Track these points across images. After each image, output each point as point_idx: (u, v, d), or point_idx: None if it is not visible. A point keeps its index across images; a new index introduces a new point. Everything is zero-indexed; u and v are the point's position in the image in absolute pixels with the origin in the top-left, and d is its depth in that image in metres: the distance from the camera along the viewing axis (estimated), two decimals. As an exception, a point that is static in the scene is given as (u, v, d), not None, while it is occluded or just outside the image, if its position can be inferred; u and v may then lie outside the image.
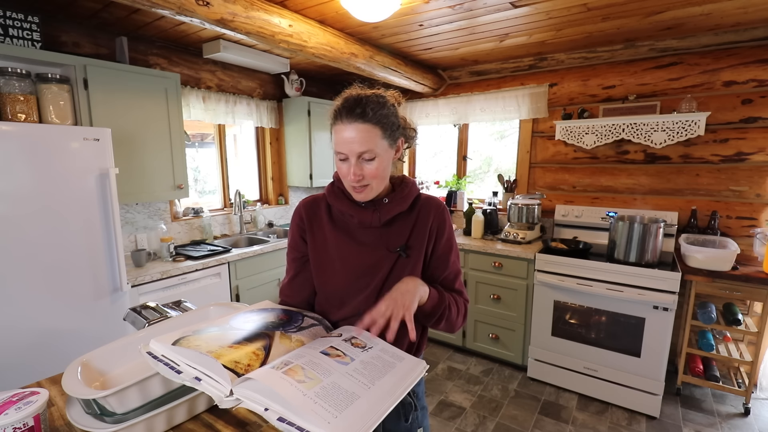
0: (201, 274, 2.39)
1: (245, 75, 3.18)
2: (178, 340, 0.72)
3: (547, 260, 2.51)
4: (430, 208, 0.99)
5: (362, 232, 0.96)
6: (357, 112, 0.84)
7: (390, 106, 0.90)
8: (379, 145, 0.87)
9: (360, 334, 0.85)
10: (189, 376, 0.66)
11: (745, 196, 2.44)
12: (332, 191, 0.99)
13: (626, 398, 2.33)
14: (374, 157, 0.87)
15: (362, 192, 0.90)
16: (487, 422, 2.25)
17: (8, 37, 1.84)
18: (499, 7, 1.98)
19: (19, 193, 1.62)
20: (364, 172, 0.87)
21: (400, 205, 0.96)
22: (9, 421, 0.68)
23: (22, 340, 1.67)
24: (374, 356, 0.78)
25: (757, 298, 2.17)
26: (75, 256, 1.80)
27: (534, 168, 3.17)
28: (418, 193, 1.01)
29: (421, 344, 1.04)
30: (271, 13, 1.93)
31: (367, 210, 0.95)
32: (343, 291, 0.96)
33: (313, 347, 0.77)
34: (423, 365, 0.79)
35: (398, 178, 1.02)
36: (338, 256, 0.96)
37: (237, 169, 3.44)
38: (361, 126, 0.85)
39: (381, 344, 0.83)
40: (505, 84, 3.18)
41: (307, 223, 1.00)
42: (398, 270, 0.94)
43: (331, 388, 0.65)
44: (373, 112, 0.85)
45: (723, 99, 2.44)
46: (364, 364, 0.74)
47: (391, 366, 0.76)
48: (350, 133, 0.85)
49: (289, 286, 1.03)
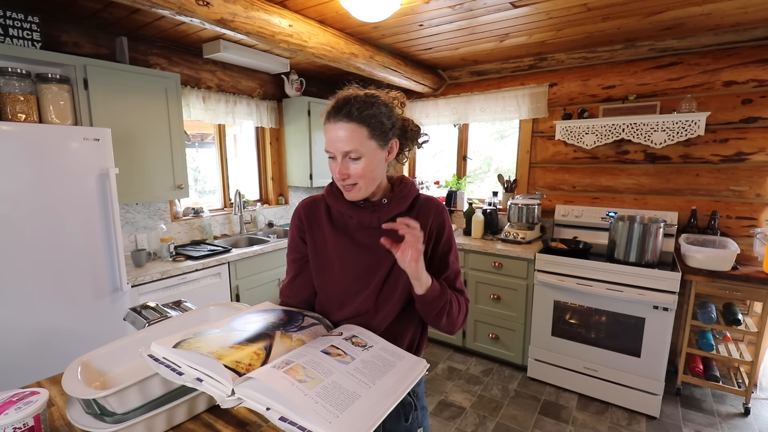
0: (201, 274, 2.39)
1: (245, 75, 3.18)
2: (179, 342, 0.72)
3: (547, 260, 2.51)
4: (429, 209, 0.99)
5: (361, 232, 0.96)
6: (343, 112, 0.85)
7: (381, 106, 0.89)
8: (365, 144, 0.86)
9: (360, 333, 0.85)
10: (190, 377, 0.66)
11: (745, 196, 2.44)
12: (331, 192, 0.99)
13: (626, 398, 2.33)
14: (360, 157, 0.87)
15: (351, 191, 0.91)
16: (487, 422, 2.25)
17: (8, 37, 1.84)
18: (499, 7, 1.98)
19: (19, 193, 1.62)
20: (350, 171, 0.88)
21: (399, 205, 0.96)
22: (9, 421, 0.68)
23: (22, 340, 1.67)
24: (375, 355, 0.78)
25: (757, 298, 2.17)
26: (75, 256, 1.80)
27: (534, 168, 3.17)
28: (418, 193, 1.00)
29: (421, 343, 1.04)
30: (271, 13, 1.93)
31: (366, 211, 0.95)
32: (342, 292, 0.96)
33: (314, 346, 0.78)
34: (423, 364, 0.79)
35: (397, 179, 1.01)
36: (337, 257, 0.96)
37: (237, 169, 3.43)
38: (347, 125, 0.85)
39: (381, 343, 0.83)
40: (505, 84, 3.18)
41: (307, 224, 1.00)
42: (397, 270, 0.93)
43: (332, 388, 0.65)
44: (359, 112, 0.85)
45: (723, 99, 2.44)
46: (365, 363, 0.74)
47: (392, 365, 0.76)
48: (336, 132, 0.86)
49: (290, 286, 1.03)
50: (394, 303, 0.95)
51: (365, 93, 0.90)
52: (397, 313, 0.95)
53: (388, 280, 0.95)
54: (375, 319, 0.95)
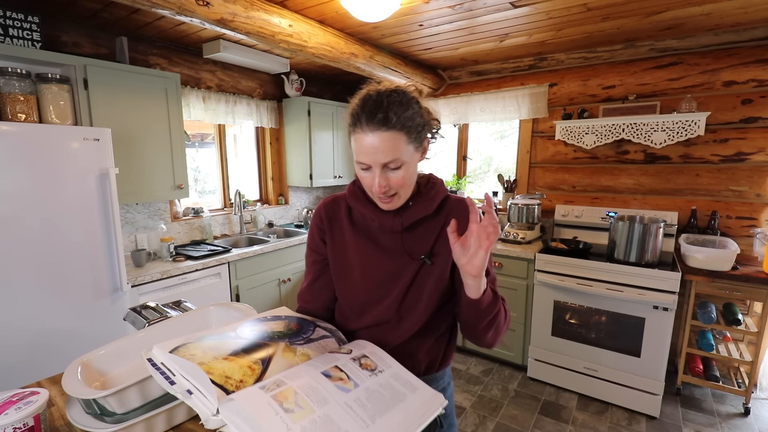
0: (201, 274, 2.39)
1: (245, 75, 3.18)
2: (177, 347, 0.67)
3: (547, 260, 2.51)
4: (461, 211, 0.89)
5: (383, 236, 0.89)
6: (379, 118, 0.75)
7: (414, 104, 0.80)
8: (404, 151, 0.78)
9: (372, 354, 0.76)
10: (182, 388, 0.61)
11: (745, 196, 2.44)
12: (353, 192, 0.91)
13: (626, 398, 2.33)
14: (400, 166, 0.79)
15: (390, 202, 0.83)
16: (487, 422, 2.25)
17: (8, 37, 1.84)
18: (499, 7, 1.98)
19: (19, 193, 1.62)
20: (390, 182, 0.79)
21: (425, 208, 0.87)
22: (9, 421, 0.68)
23: (22, 340, 1.67)
24: (383, 383, 0.69)
25: (757, 298, 2.17)
26: (75, 256, 1.80)
27: (534, 168, 3.17)
28: (447, 194, 0.91)
29: (447, 354, 0.95)
30: (271, 13, 1.93)
31: (388, 214, 0.87)
32: (362, 299, 0.90)
33: (316, 365, 0.70)
34: (440, 400, 0.67)
35: (424, 178, 0.92)
36: (358, 262, 0.90)
37: (237, 169, 3.43)
38: (385, 134, 0.75)
39: (394, 368, 0.73)
40: (505, 84, 3.18)
41: (327, 224, 0.94)
42: (421, 279, 0.86)
43: (321, 423, 0.58)
44: (397, 117, 0.76)
45: (723, 99, 2.44)
46: (369, 393, 0.65)
47: (401, 398, 0.66)
48: (373, 142, 0.76)
49: (308, 290, 0.97)
50: (419, 314, 0.87)
51: (395, 90, 0.79)
52: (422, 324, 0.88)
53: (411, 288, 0.87)
54: (397, 330, 0.88)
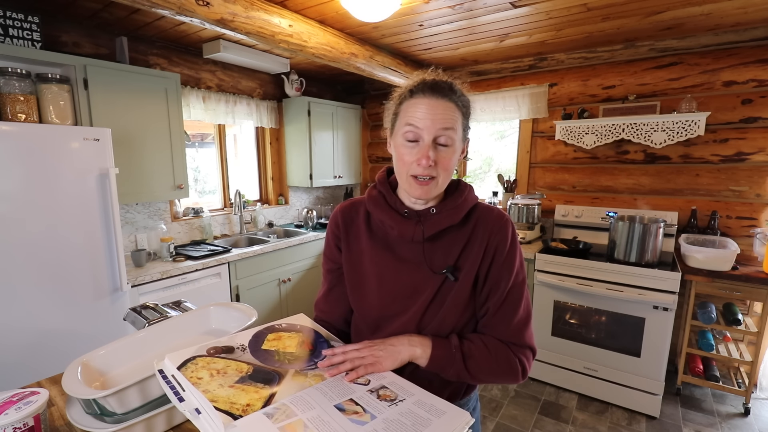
0: (201, 274, 2.39)
1: (245, 75, 3.18)
2: (187, 363, 0.66)
3: (547, 260, 2.51)
4: (488, 222, 0.81)
5: (403, 246, 0.82)
6: (444, 87, 0.74)
7: (468, 101, 0.79)
8: (458, 131, 0.75)
9: (392, 384, 0.70)
10: (190, 406, 0.60)
11: (745, 196, 2.44)
12: (372, 196, 0.85)
13: (626, 398, 2.33)
14: (450, 144, 0.74)
15: (426, 185, 0.76)
16: (487, 422, 2.25)
17: (8, 37, 1.84)
18: (499, 7, 1.98)
19: (19, 193, 1.62)
20: (437, 157, 0.74)
21: (451, 217, 0.79)
22: (9, 421, 0.68)
23: (22, 340, 1.67)
24: (404, 412, 0.63)
25: (757, 298, 2.17)
26: (75, 256, 1.80)
27: (534, 168, 3.17)
28: (476, 202, 0.84)
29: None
30: (271, 13, 1.93)
31: (409, 222, 0.80)
32: (377, 313, 0.83)
33: (329, 395, 0.65)
34: (466, 419, 0.62)
35: (453, 183, 0.85)
36: (374, 273, 0.83)
37: (237, 169, 3.43)
38: (447, 103, 0.74)
39: (418, 394, 0.67)
40: (505, 84, 3.18)
41: (343, 231, 0.88)
42: (443, 295, 0.79)
43: None
44: (459, 96, 0.75)
45: (723, 99, 2.44)
46: (387, 424, 0.59)
47: (425, 424, 0.60)
48: (433, 105, 0.73)
49: (324, 300, 0.93)
50: (441, 335, 0.80)
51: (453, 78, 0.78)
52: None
53: (431, 305, 0.79)
54: None
